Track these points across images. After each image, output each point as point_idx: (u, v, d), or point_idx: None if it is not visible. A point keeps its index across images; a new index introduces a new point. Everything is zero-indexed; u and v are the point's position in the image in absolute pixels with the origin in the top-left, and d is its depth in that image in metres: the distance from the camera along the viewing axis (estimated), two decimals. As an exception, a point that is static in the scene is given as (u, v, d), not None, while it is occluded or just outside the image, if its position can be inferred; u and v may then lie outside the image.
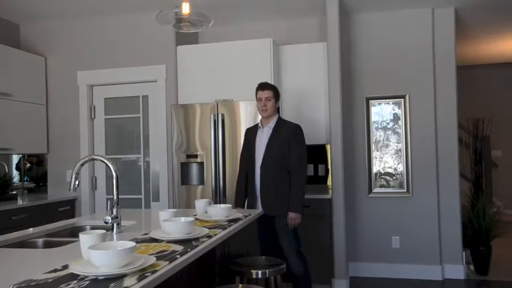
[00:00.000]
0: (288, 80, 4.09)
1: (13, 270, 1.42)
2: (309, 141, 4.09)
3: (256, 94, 3.06)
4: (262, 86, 3.04)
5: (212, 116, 3.70)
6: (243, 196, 3.09)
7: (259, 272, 2.12)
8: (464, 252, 4.11)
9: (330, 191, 3.86)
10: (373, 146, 4.25)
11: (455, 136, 4.13)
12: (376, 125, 4.26)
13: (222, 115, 3.69)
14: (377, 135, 4.25)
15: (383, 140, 4.24)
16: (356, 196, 4.25)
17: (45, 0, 3.83)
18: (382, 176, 4.23)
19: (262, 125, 3.07)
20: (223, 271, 2.13)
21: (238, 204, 3.06)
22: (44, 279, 1.24)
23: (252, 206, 2.98)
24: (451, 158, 4.11)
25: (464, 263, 4.09)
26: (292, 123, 3.07)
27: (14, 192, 3.96)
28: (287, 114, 4.08)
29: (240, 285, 1.91)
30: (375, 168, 4.24)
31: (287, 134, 2.96)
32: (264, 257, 2.45)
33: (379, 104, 4.26)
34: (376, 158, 4.24)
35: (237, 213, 2.38)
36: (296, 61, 4.07)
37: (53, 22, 4.34)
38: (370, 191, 4.23)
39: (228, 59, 3.95)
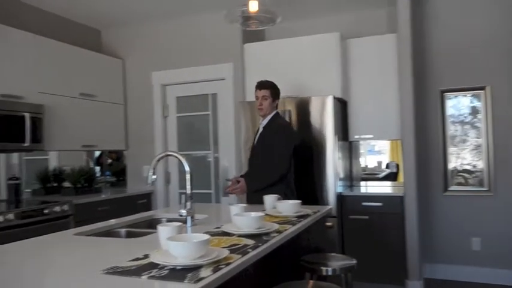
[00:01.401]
0: (356, 73, 3.99)
1: (101, 257, 1.55)
2: (380, 137, 4.00)
3: (254, 92, 3.08)
4: (260, 85, 3.05)
5: (279, 112, 3.71)
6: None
7: (330, 269, 2.10)
8: (556, 258, 3.74)
9: (402, 188, 3.71)
10: (448, 142, 4.00)
11: (545, 130, 3.76)
12: (452, 119, 4.01)
13: (289, 111, 3.69)
14: (453, 130, 4.00)
15: (460, 135, 3.98)
16: (430, 194, 4.03)
17: (123, 7, 4.10)
18: (460, 174, 3.97)
19: (260, 123, 3.12)
20: (290, 267, 2.14)
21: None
22: (128, 266, 1.34)
23: (250, 200, 2.97)
24: (540, 153, 3.74)
25: (556, 269, 3.72)
26: (280, 122, 3.04)
27: (98, 185, 4.30)
28: (354, 110, 4.00)
29: (311, 281, 1.91)
30: (451, 164, 3.99)
31: (272, 133, 2.96)
32: (333, 254, 2.43)
33: (456, 96, 4.00)
34: (452, 154, 3.99)
35: (306, 209, 2.38)
36: (364, 54, 3.96)
37: (130, 27, 4.63)
38: (445, 189, 3.99)
39: (295, 55, 3.94)
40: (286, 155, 2.92)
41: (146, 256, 1.44)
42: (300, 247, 2.29)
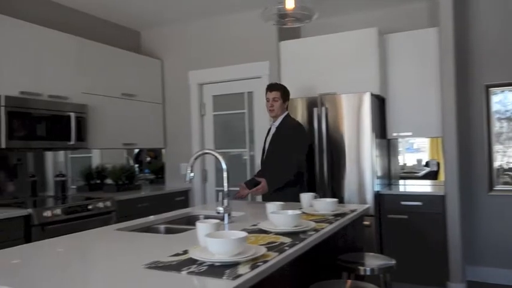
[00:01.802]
0: (395, 69, 3.90)
1: (143, 252, 1.60)
2: (419, 134, 3.89)
3: (265, 94, 3.11)
4: (270, 87, 3.09)
5: (316, 109, 3.69)
6: (252, 179, 3.08)
7: (368, 268, 2.06)
8: None
9: (443, 187, 3.59)
10: (493, 139, 3.83)
11: None
12: (498, 115, 3.83)
13: (326, 109, 3.65)
14: (498, 126, 3.82)
15: (506, 131, 3.79)
16: (474, 194, 3.87)
17: (161, 9, 4.19)
18: (506, 172, 3.79)
19: (272, 124, 3.13)
20: (327, 266, 2.13)
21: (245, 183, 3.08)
22: (168, 261, 1.38)
23: (265, 200, 2.94)
24: None
25: None
26: (293, 122, 3.06)
27: (138, 183, 4.43)
28: (392, 107, 3.90)
29: (349, 281, 1.89)
30: (497, 163, 3.81)
31: (286, 133, 2.98)
32: (371, 253, 2.38)
33: (502, 91, 3.82)
34: (498, 152, 3.81)
35: (343, 208, 2.35)
36: (403, 49, 3.86)
37: (167, 28, 4.73)
38: (490, 188, 3.82)
39: (332, 52, 3.89)
40: (301, 154, 2.98)
41: (185, 252, 1.47)
42: (337, 246, 2.27)
